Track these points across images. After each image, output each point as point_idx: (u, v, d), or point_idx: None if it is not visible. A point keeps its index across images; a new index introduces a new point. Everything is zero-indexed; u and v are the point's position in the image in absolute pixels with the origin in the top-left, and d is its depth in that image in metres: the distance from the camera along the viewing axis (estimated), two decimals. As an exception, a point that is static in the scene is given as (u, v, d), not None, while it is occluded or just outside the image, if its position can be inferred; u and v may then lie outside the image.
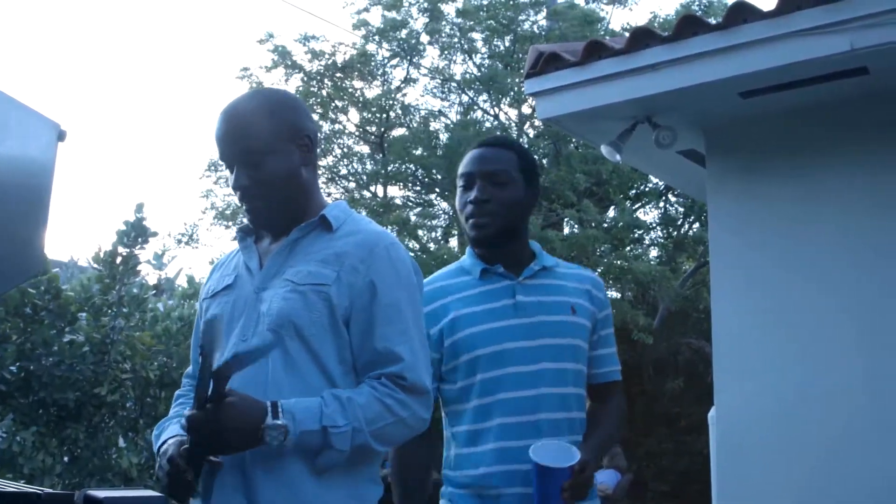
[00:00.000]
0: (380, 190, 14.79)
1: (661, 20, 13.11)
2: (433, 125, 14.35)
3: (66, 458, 6.44)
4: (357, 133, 14.91)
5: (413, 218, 13.69)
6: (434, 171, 13.41)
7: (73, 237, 30.32)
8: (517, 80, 12.34)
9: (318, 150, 2.06)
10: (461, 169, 2.28)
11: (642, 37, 3.83)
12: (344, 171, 14.97)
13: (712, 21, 3.78)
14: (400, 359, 1.76)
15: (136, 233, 6.50)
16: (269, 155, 1.82)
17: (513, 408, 2.11)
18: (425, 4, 13.76)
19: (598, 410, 2.28)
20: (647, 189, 12.88)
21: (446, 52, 14.27)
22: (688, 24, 3.74)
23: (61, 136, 1.69)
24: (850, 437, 3.79)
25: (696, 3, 12.72)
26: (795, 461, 3.89)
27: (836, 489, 3.76)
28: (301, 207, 1.89)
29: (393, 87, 14.58)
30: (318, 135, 2.01)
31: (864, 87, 3.81)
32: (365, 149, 15.08)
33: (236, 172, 1.84)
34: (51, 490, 1.54)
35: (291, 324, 1.75)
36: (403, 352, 1.77)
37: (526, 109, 13.62)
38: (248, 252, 1.92)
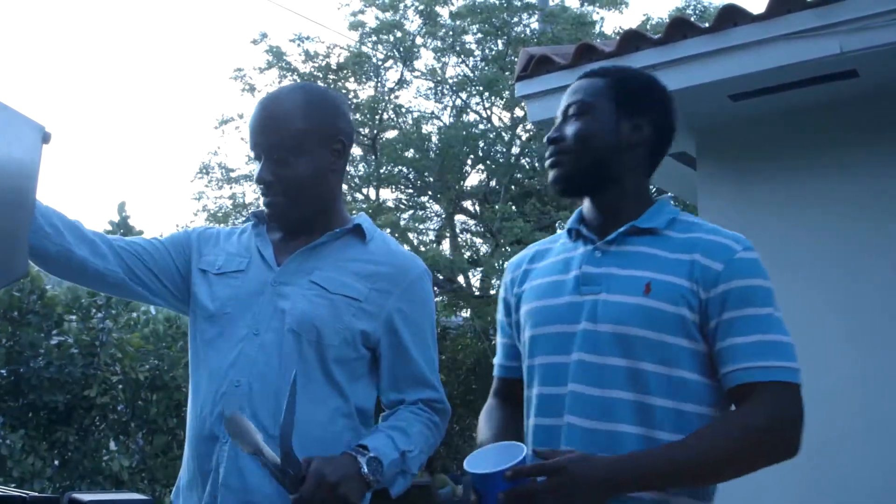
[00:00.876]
0: (372, 192, 14.80)
1: (654, 23, 13.15)
2: (426, 128, 14.37)
3: (56, 462, 6.42)
4: (350, 135, 14.90)
5: (404, 221, 13.70)
6: (426, 173, 13.42)
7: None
8: (510, 82, 12.37)
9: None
10: None
11: (633, 39, 3.84)
12: (336, 174, 14.96)
13: (705, 25, 3.79)
14: (434, 387, 1.83)
15: (123, 232, 6.50)
16: (297, 154, 1.77)
17: (541, 407, 1.65)
18: (421, 6, 13.79)
19: None
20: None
21: (439, 54, 14.30)
22: (678, 27, 3.74)
23: (46, 138, 1.66)
24: (842, 436, 3.78)
25: (690, 7, 12.77)
26: (786, 463, 3.89)
27: (830, 489, 3.76)
28: (322, 211, 1.85)
29: (386, 89, 14.60)
30: (353, 139, 1.95)
31: (854, 89, 3.82)
32: (357, 151, 15.09)
33: (262, 165, 1.80)
34: (37, 494, 1.52)
35: (314, 328, 1.73)
36: (435, 380, 1.84)
37: (519, 112, 13.65)
38: (263, 240, 1.87)
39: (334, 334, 1.73)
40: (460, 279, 13.65)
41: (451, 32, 13.93)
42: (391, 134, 14.38)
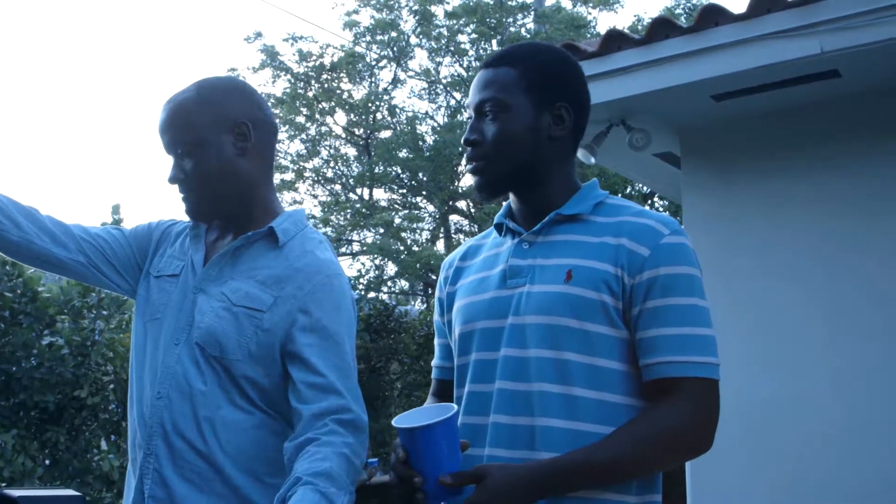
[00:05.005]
0: (365, 193, 14.82)
1: (645, 23, 13.18)
2: (420, 128, 14.40)
3: (47, 461, 6.43)
4: (344, 136, 14.93)
5: (398, 220, 13.72)
6: (420, 173, 13.45)
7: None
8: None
9: (279, 142, 1.88)
10: None
11: (615, 39, 3.85)
12: (330, 174, 14.98)
13: (687, 23, 3.80)
14: (339, 392, 1.67)
15: (113, 234, 6.51)
16: (197, 146, 1.74)
17: (470, 406, 1.60)
18: (415, 6, 13.82)
19: None
20: (632, 192, 12.92)
21: (433, 54, 14.34)
22: (660, 27, 3.76)
23: None
24: (825, 437, 3.80)
25: (680, 6, 12.79)
26: (769, 463, 3.91)
27: (812, 489, 3.78)
28: (243, 202, 1.81)
29: (380, 89, 14.63)
30: (271, 121, 1.88)
31: (836, 89, 3.85)
32: (352, 151, 15.11)
33: (171, 165, 1.78)
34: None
35: (217, 343, 1.69)
36: (342, 386, 1.68)
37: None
38: (197, 244, 1.84)
39: (238, 349, 1.68)
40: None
41: (445, 32, 13.96)
42: (385, 134, 14.41)
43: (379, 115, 14.47)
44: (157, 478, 1.68)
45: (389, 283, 14.89)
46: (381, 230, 12.81)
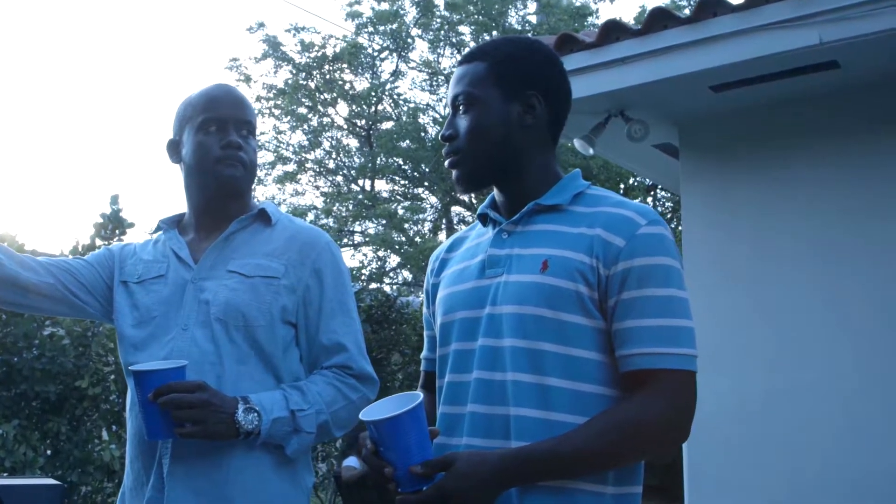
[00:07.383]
0: (367, 184, 14.82)
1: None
2: (422, 118, 14.38)
3: (48, 452, 6.45)
4: (346, 127, 14.93)
5: (400, 211, 13.72)
6: (422, 164, 13.44)
7: (53, 230, 30.35)
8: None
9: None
10: None
11: (613, 30, 3.85)
12: (332, 165, 14.98)
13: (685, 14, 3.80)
14: (345, 349, 1.87)
15: (113, 225, 6.55)
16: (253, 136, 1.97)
17: (448, 395, 1.62)
18: (417, -3, 13.80)
19: None
20: (635, 184, 12.92)
21: (434, 46, 14.31)
22: (658, 18, 3.75)
23: None
24: (823, 435, 3.80)
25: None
26: (766, 456, 3.91)
27: (811, 487, 3.78)
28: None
29: (382, 80, 14.61)
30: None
31: (835, 80, 3.84)
32: (353, 142, 15.11)
33: (236, 136, 1.91)
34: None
35: (239, 313, 1.79)
36: (348, 343, 1.88)
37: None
38: (177, 243, 1.94)
39: (260, 315, 1.80)
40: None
41: (445, 24, 13.93)
42: (387, 125, 14.39)
43: (381, 107, 14.45)
44: (177, 455, 1.75)
45: (391, 275, 14.92)
46: (383, 221, 12.81)
